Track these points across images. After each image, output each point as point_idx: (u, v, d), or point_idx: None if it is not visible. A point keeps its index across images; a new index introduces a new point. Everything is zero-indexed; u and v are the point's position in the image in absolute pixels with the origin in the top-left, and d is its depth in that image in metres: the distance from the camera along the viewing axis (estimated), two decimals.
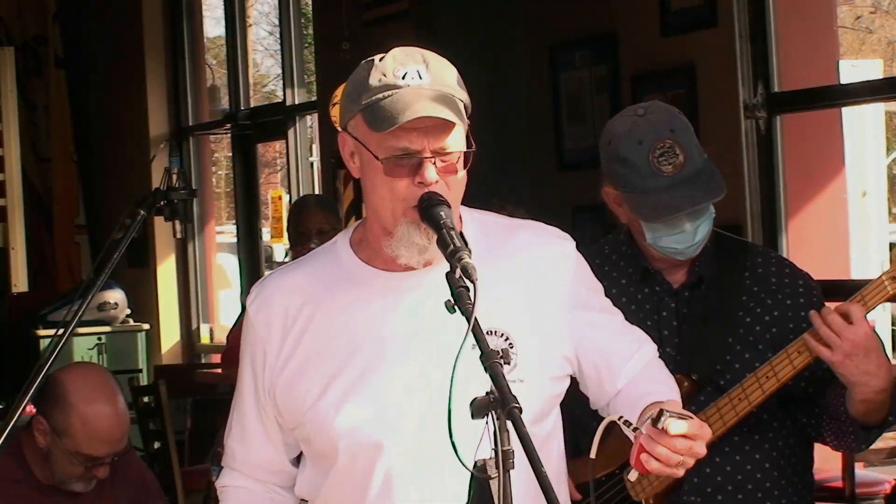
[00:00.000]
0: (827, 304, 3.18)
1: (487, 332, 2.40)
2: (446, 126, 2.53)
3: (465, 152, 2.56)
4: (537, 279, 2.67)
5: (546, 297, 2.67)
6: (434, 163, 2.52)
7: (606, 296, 2.84)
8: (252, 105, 9.72)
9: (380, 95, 2.53)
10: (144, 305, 9.94)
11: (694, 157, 3.19)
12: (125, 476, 4.03)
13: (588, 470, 2.65)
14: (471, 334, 2.30)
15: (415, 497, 2.59)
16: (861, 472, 5.85)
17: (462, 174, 2.57)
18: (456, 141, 2.55)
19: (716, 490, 3.26)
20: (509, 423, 2.23)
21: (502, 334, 2.59)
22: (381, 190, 2.55)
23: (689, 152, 3.18)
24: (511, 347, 2.60)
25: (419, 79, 2.54)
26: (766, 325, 3.27)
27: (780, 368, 3.14)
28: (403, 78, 2.54)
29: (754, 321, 3.27)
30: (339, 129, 2.69)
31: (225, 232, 16.75)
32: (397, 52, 2.59)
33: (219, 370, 7.33)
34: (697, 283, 3.30)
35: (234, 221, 11.44)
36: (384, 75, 2.55)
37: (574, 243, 2.76)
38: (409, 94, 2.52)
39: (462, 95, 2.58)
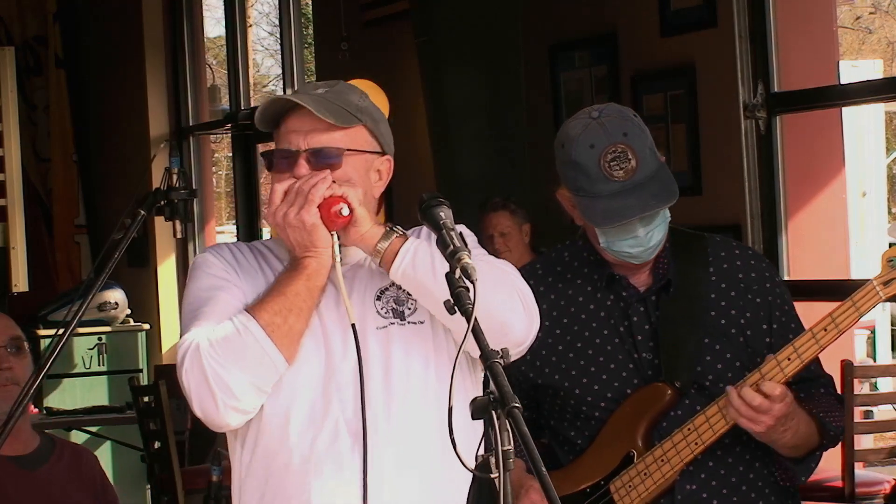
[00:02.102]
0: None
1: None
2: (326, 128, 2.64)
3: (349, 151, 2.65)
4: None
5: None
6: (308, 160, 2.65)
7: (570, 304, 3.14)
8: (252, 105, 9.71)
9: (276, 97, 2.71)
10: (144, 305, 9.93)
11: (647, 162, 3.14)
12: (74, 463, 4.01)
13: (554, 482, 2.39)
14: (470, 335, 2.31)
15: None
16: (861, 471, 5.84)
17: (351, 175, 2.66)
18: (337, 143, 2.66)
19: (711, 496, 3.22)
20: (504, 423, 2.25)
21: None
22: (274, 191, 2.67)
23: (641, 157, 3.14)
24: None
25: (319, 90, 2.68)
26: (741, 328, 3.24)
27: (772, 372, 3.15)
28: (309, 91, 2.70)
29: (729, 323, 3.25)
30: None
31: (225, 232, 16.75)
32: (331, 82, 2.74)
33: None
34: (665, 286, 3.26)
35: (234, 221, 11.44)
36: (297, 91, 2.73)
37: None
38: (293, 96, 2.67)
39: (357, 112, 2.67)
